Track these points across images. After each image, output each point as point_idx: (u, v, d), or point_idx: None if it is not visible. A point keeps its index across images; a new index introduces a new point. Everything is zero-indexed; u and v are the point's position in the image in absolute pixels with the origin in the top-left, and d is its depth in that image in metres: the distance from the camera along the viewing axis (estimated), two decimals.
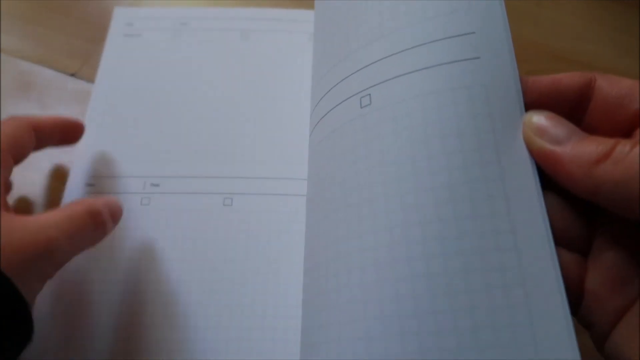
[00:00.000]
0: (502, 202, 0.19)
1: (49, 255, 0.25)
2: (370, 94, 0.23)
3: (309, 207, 0.26)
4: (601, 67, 0.45)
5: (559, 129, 0.20)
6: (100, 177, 0.37)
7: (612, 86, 0.21)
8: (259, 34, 0.43)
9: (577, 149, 0.19)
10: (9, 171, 0.30)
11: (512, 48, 0.22)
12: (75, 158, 0.38)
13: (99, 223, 0.28)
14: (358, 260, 0.21)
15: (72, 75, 0.43)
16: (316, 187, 0.25)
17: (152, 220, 0.35)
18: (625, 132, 0.21)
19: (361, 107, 0.23)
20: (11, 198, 0.37)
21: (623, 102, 0.21)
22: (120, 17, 0.46)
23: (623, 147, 0.18)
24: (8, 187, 0.32)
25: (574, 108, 0.22)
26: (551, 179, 0.20)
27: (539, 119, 0.20)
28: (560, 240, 0.20)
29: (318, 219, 0.25)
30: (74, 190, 0.37)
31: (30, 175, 0.38)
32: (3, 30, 0.45)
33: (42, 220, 0.26)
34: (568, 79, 0.22)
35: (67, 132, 0.36)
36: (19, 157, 0.31)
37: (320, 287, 0.23)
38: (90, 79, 0.43)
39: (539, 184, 0.20)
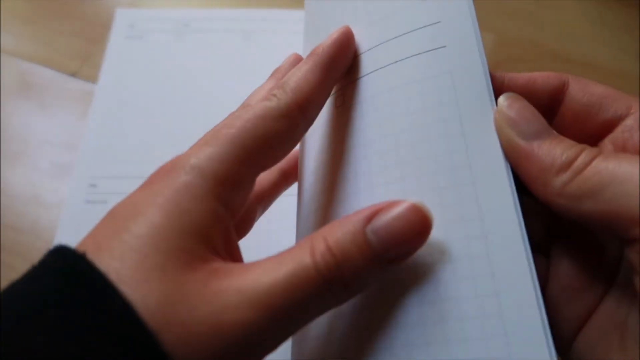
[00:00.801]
0: (470, 189, 0.19)
1: (258, 343, 0.16)
2: (343, 94, 0.23)
3: (299, 194, 0.26)
4: (601, 67, 0.45)
5: (531, 122, 0.19)
6: (103, 177, 0.37)
7: (583, 92, 0.21)
8: (260, 35, 0.43)
9: (543, 150, 0.18)
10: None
11: (479, 35, 0.21)
12: (78, 159, 0.38)
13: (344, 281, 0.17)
14: None
15: (72, 75, 0.43)
16: (304, 180, 0.26)
17: None
18: (592, 142, 0.20)
19: (336, 107, 0.24)
20: (8, 198, 0.37)
21: (591, 111, 0.20)
22: (122, 19, 0.46)
23: (584, 157, 0.17)
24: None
25: (547, 111, 0.21)
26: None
27: (511, 106, 0.19)
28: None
29: (302, 212, 0.25)
30: (76, 191, 0.37)
31: (30, 175, 0.38)
32: (3, 30, 0.45)
33: (250, 284, 0.16)
34: (543, 79, 0.21)
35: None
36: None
37: None
38: (90, 79, 0.43)
39: (509, 171, 0.19)
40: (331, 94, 0.25)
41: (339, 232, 0.17)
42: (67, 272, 0.15)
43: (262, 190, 0.28)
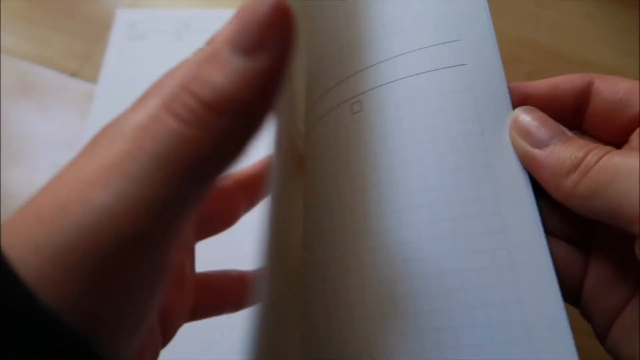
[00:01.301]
0: (493, 204, 0.19)
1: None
2: (361, 100, 0.23)
3: (305, 206, 0.26)
4: (601, 67, 0.45)
5: (542, 130, 0.19)
6: None
7: (608, 90, 0.21)
8: None
9: (554, 155, 0.19)
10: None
11: (499, 53, 0.22)
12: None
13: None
14: (354, 261, 0.21)
15: (72, 75, 0.43)
16: (311, 189, 0.26)
17: None
18: (622, 138, 0.21)
19: (353, 113, 0.24)
20: (8, 198, 0.37)
21: (618, 108, 0.20)
22: (123, 19, 0.46)
23: (592, 157, 0.18)
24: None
25: (575, 113, 0.21)
26: None
27: (524, 118, 0.20)
28: (563, 234, 0.20)
29: (311, 215, 0.25)
30: None
31: (30, 175, 0.38)
32: (3, 30, 0.45)
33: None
34: (567, 83, 0.21)
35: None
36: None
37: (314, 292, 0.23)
38: (90, 79, 0.43)
39: (529, 184, 0.20)
40: (348, 99, 0.24)
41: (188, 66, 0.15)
42: None
43: (245, 177, 0.25)
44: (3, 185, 0.37)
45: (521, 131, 0.20)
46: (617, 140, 0.21)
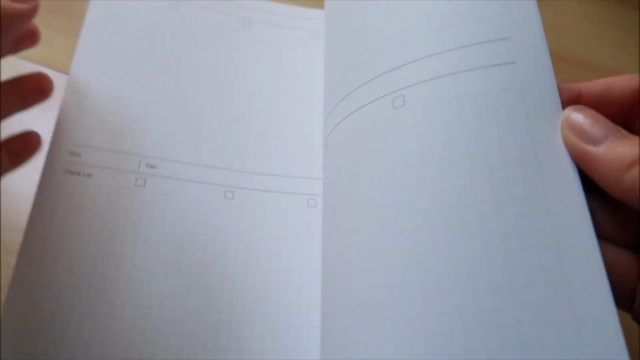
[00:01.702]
0: (542, 202, 0.20)
1: None
2: (404, 95, 0.23)
3: (327, 202, 0.26)
4: (601, 67, 0.45)
5: (596, 127, 0.20)
6: (89, 147, 0.32)
7: None
8: (261, 25, 0.42)
9: (611, 150, 0.19)
10: None
11: (548, 52, 0.22)
12: (60, 120, 0.34)
13: None
14: (382, 259, 0.21)
15: None
16: (338, 185, 0.25)
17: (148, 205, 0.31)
18: None
19: (394, 108, 0.23)
20: (9, 198, 0.37)
21: None
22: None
23: None
24: None
25: (628, 115, 0.22)
26: None
27: (577, 116, 0.20)
28: (616, 239, 0.20)
29: (338, 213, 0.25)
30: (54, 159, 0.32)
31: (30, 175, 0.38)
32: None
33: None
34: (620, 83, 0.21)
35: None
36: None
37: (341, 288, 0.23)
38: None
39: (579, 182, 0.20)
40: (388, 94, 0.24)
41: None
42: None
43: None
44: (3, 185, 0.37)
45: (574, 129, 0.20)
46: None
